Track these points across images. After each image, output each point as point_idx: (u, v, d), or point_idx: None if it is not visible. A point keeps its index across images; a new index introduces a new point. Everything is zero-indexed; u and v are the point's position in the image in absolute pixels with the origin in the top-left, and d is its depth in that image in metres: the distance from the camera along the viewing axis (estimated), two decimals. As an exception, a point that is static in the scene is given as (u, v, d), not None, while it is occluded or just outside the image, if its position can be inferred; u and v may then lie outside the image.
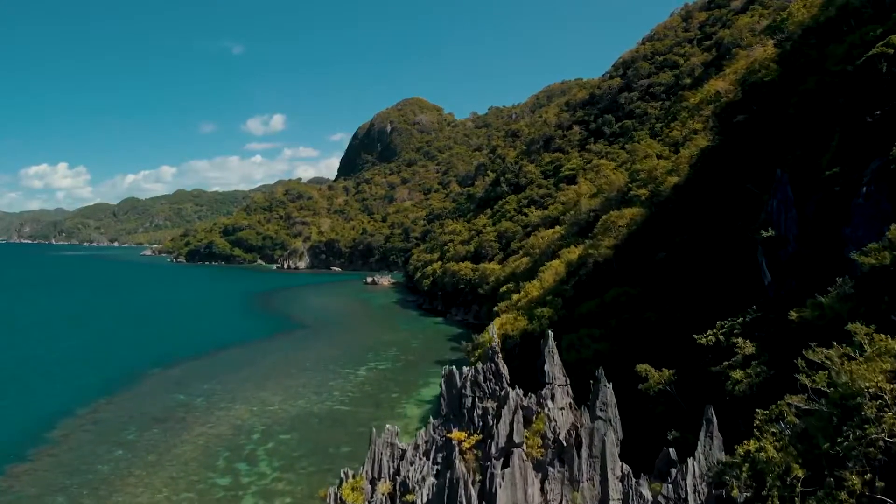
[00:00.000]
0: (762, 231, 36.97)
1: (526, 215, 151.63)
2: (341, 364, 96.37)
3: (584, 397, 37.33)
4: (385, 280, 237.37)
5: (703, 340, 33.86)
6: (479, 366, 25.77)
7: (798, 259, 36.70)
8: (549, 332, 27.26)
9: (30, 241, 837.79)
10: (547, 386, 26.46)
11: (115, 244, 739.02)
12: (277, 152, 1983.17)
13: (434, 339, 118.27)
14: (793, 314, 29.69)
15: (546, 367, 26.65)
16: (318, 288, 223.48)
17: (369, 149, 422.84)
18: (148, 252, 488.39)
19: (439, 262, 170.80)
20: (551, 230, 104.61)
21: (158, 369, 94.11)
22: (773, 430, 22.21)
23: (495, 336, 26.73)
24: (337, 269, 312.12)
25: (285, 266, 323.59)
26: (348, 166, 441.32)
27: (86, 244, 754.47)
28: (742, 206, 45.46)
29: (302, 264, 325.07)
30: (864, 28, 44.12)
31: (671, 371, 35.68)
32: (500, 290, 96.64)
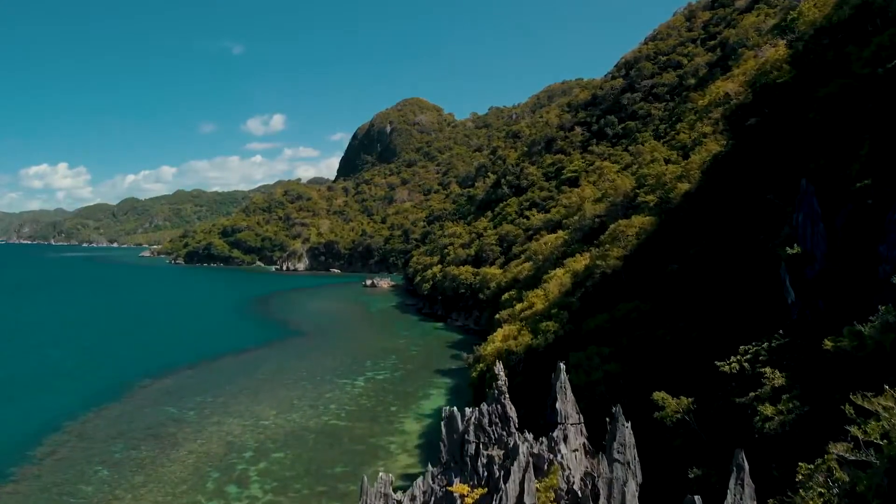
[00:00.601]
0: (787, 248, 34.26)
1: (528, 218, 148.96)
2: (338, 374, 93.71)
3: (595, 425, 34.60)
4: (384, 283, 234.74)
5: (727, 368, 31.15)
6: (484, 407, 23.07)
7: (826, 278, 34.02)
8: (562, 365, 24.57)
9: (29, 242, 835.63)
10: (559, 427, 23.78)
11: (115, 245, 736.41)
12: (278, 152, 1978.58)
13: (434, 347, 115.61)
14: (828, 343, 26.98)
15: (558, 405, 23.97)
16: (316, 291, 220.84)
17: (369, 149, 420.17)
18: (147, 253, 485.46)
19: (439, 266, 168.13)
20: (554, 235, 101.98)
21: (150, 379, 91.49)
22: (819, 488, 19.51)
23: (501, 373, 24.01)
24: (336, 270, 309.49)
25: (284, 268, 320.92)
26: (348, 167, 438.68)
27: (85, 245, 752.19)
28: (761, 218, 42.82)
29: (301, 266, 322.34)
30: (892, 29, 41.37)
31: (690, 399, 32.99)
32: (503, 297, 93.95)
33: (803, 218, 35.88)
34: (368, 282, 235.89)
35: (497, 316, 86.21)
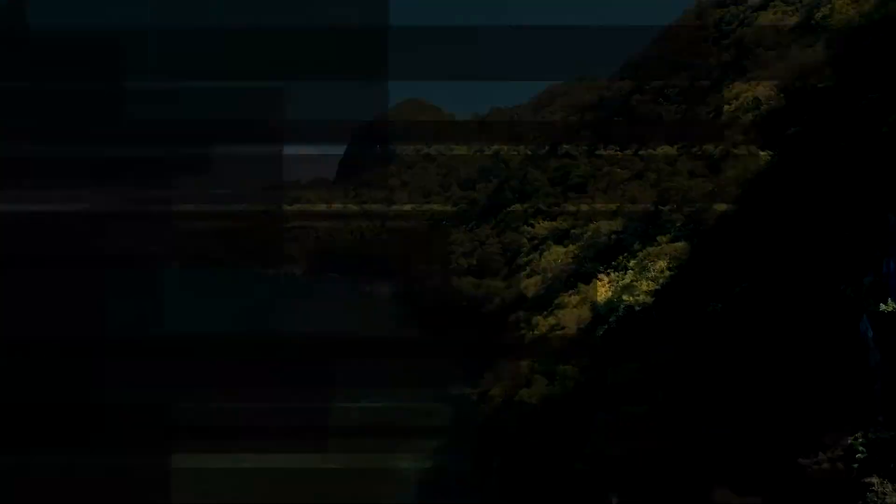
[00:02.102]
0: (881, 304, 27.24)
1: (532, 226, 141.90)
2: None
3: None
4: (383, 289, 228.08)
5: (815, 469, 24.17)
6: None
7: (927, 340, 27.17)
8: None
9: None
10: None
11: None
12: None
13: (434, 365, 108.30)
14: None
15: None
16: (312, 299, 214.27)
17: (368, 150, 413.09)
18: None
19: (440, 275, 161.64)
20: (563, 249, 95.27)
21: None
22: None
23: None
24: (334, 275, 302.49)
25: (282, 272, 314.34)
26: (347, 168, 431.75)
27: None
28: (826, 253, 35.80)
29: (298, 270, 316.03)
30: None
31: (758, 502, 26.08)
32: (509, 318, 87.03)
33: (894, 265, 29.00)
34: (367, 288, 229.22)
35: (503, 340, 79.65)
